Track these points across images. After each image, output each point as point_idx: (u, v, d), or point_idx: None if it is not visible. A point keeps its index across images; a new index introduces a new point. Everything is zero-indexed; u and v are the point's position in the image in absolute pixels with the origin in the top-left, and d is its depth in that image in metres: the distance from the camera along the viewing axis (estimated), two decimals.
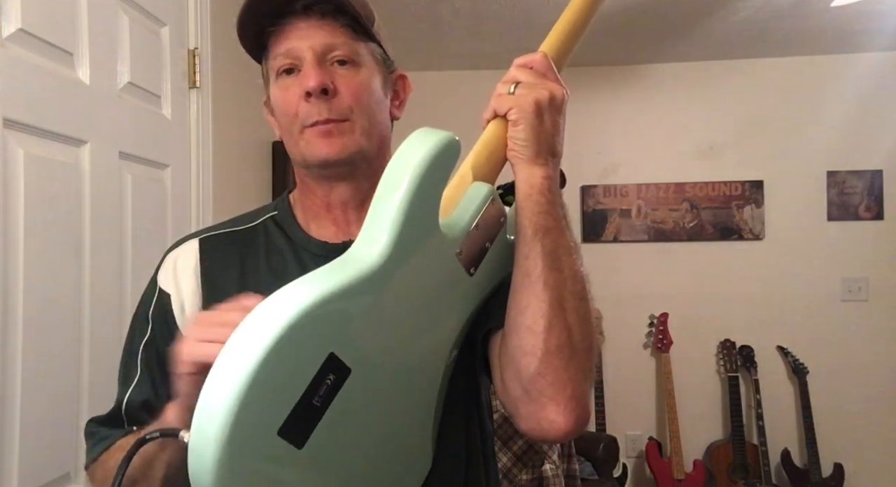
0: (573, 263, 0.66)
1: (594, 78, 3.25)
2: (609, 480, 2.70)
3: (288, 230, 0.82)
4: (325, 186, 0.79)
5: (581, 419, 0.64)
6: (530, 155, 0.67)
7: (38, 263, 1.11)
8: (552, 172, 0.68)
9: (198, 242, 0.82)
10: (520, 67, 0.71)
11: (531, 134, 0.67)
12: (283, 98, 0.77)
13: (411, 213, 0.57)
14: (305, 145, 0.76)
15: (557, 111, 0.68)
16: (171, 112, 1.58)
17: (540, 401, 0.64)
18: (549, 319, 0.63)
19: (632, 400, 3.17)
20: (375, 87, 0.79)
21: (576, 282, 0.66)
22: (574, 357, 0.64)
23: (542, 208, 0.66)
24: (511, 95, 0.69)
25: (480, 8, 2.52)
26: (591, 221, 3.22)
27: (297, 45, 0.76)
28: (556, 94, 0.68)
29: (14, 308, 1.07)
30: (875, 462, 3.01)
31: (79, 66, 1.25)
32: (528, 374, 0.64)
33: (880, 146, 3.07)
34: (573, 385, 0.63)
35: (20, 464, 1.06)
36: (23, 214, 1.08)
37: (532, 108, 0.66)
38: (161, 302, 0.79)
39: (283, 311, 0.49)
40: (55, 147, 1.18)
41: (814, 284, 3.09)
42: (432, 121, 2.13)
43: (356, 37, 0.78)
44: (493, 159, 0.69)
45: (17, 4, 1.07)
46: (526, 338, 0.64)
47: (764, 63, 3.15)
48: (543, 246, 0.65)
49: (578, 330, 0.64)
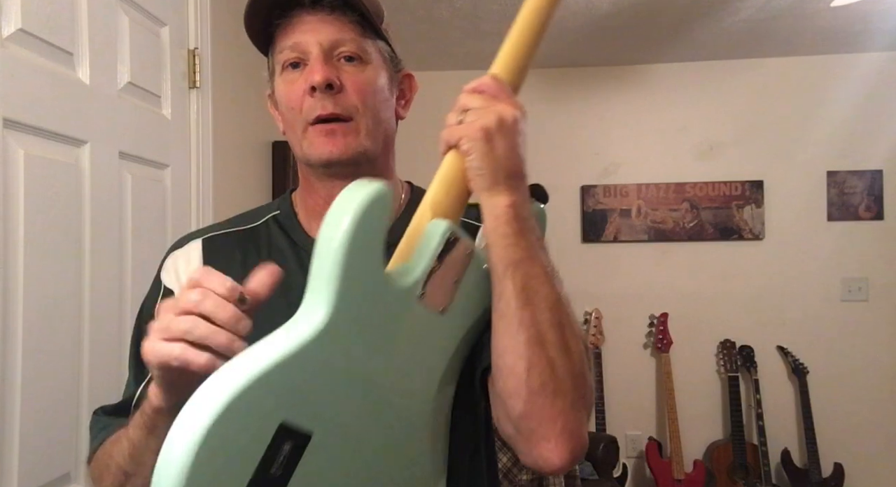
0: (549, 293, 0.64)
1: (594, 78, 3.25)
2: (609, 480, 2.70)
3: (290, 230, 0.82)
4: (327, 184, 0.79)
5: (576, 450, 0.63)
6: (487, 184, 0.65)
7: (38, 263, 1.11)
8: (516, 197, 0.66)
9: (201, 242, 0.82)
10: (469, 93, 0.68)
11: (484, 162, 0.65)
12: (287, 92, 0.77)
13: (349, 270, 0.57)
14: (308, 144, 0.76)
15: (511, 132, 0.66)
16: (171, 112, 1.58)
17: (531, 440, 0.63)
18: (528, 360, 0.62)
19: (632, 400, 3.17)
20: (382, 86, 0.79)
21: (554, 313, 0.64)
22: (560, 391, 0.62)
23: (508, 240, 0.64)
24: (460, 125, 0.66)
25: (480, 8, 2.52)
26: (591, 221, 3.22)
27: (305, 39, 0.75)
28: (505, 117, 0.65)
29: (14, 308, 1.07)
30: (875, 462, 3.01)
31: (79, 66, 1.25)
32: (515, 415, 0.63)
33: (880, 146, 3.07)
34: (563, 419, 0.62)
35: (20, 464, 1.06)
36: (23, 214, 1.08)
37: (480, 135, 0.64)
38: (165, 299, 0.78)
39: (218, 395, 0.50)
40: (55, 147, 1.18)
41: (814, 284, 3.09)
42: (432, 120, 2.14)
43: (364, 33, 0.77)
44: (454, 193, 0.67)
45: (17, 4, 1.07)
46: (508, 381, 0.63)
47: (764, 63, 3.15)
48: (514, 282, 0.63)
49: (563, 362, 0.63)
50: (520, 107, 0.68)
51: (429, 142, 3.35)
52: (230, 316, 0.57)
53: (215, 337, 0.56)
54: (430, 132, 3.40)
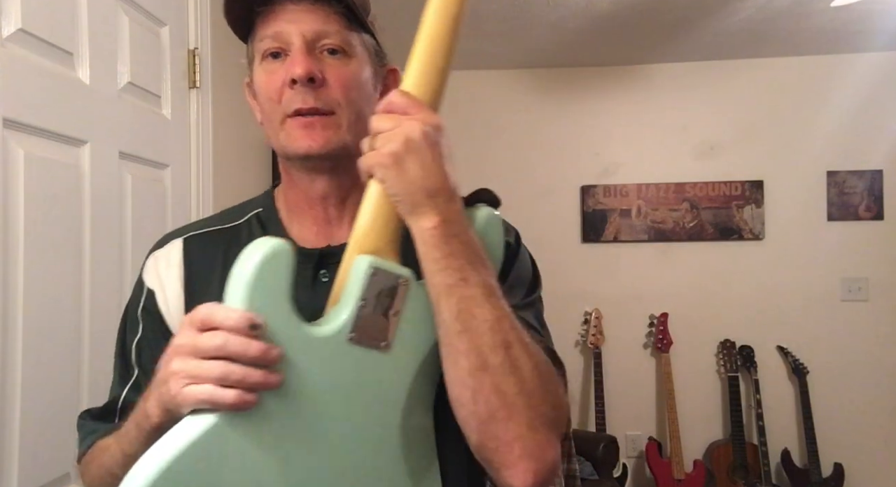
0: (487, 314, 0.61)
1: (594, 78, 3.25)
2: (609, 480, 2.70)
3: (270, 230, 0.80)
4: (305, 179, 0.76)
5: (540, 472, 0.60)
6: (408, 209, 0.63)
7: (38, 263, 1.11)
8: (441, 217, 0.62)
9: (182, 241, 0.80)
10: (379, 116, 0.65)
11: (399, 187, 0.62)
12: (266, 83, 0.74)
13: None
14: (286, 136, 0.73)
15: (422, 150, 0.62)
16: (171, 112, 1.58)
17: (492, 468, 0.62)
18: (472, 389, 0.60)
19: (632, 400, 3.17)
20: (365, 80, 0.76)
21: (496, 334, 0.61)
22: (513, 415, 0.60)
23: (438, 265, 0.61)
24: (372, 152, 0.64)
25: (480, 8, 2.52)
26: (591, 221, 3.22)
27: (287, 28, 0.72)
28: (412, 136, 0.62)
29: (14, 308, 1.07)
30: (875, 462, 3.01)
31: (79, 66, 1.25)
32: (473, 445, 0.62)
33: (880, 146, 3.07)
34: (520, 444, 0.60)
35: (20, 464, 1.07)
36: (23, 214, 1.08)
37: (389, 161, 0.62)
38: (148, 300, 0.78)
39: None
40: (55, 147, 1.18)
41: (814, 284, 3.09)
42: None
43: (349, 26, 0.74)
44: (380, 222, 0.65)
45: (17, 4, 1.07)
46: (459, 412, 0.62)
47: (764, 63, 3.15)
48: (449, 310, 0.61)
49: (512, 384, 0.60)
50: (432, 120, 0.64)
51: None
52: (258, 353, 0.56)
53: (251, 378, 0.56)
54: None
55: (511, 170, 3.26)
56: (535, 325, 0.75)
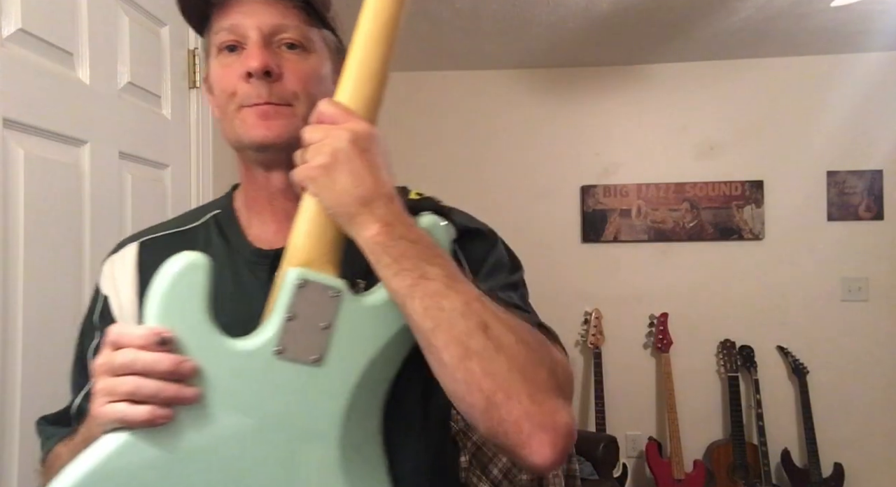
0: (454, 300, 0.59)
1: (594, 78, 3.25)
2: (609, 480, 2.70)
3: (227, 232, 0.78)
4: (262, 173, 0.75)
5: (558, 443, 0.59)
6: (345, 220, 0.62)
7: (38, 263, 1.11)
8: (380, 224, 0.60)
9: (137, 246, 0.79)
10: (308, 127, 0.64)
11: (331, 199, 0.61)
12: (221, 76, 0.72)
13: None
14: (240, 124, 0.71)
15: (351, 158, 0.61)
16: (171, 112, 1.58)
17: (510, 451, 0.60)
18: (463, 382, 0.58)
19: (632, 400, 3.17)
20: (325, 76, 0.74)
21: (469, 319, 0.58)
22: (511, 393, 0.58)
23: (392, 270, 0.60)
24: (303, 165, 0.63)
25: (480, 8, 2.52)
26: (591, 221, 3.22)
27: (243, 21, 0.70)
28: (338, 146, 0.61)
29: (14, 308, 1.07)
30: (875, 463, 3.01)
31: (79, 66, 1.25)
32: (484, 435, 0.61)
33: (880, 146, 3.07)
34: (527, 421, 0.58)
35: (20, 464, 1.07)
36: (23, 214, 1.08)
37: (319, 173, 0.61)
38: (104, 306, 0.77)
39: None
40: (55, 147, 1.18)
41: (814, 284, 3.09)
42: (432, 120, 2.13)
43: (309, 20, 0.73)
44: (314, 234, 0.64)
45: (17, 4, 1.07)
46: (461, 408, 0.61)
47: (764, 63, 3.15)
48: (415, 310, 0.59)
49: (501, 363, 0.58)
50: (360, 128, 0.62)
51: (428, 143, 3.35)
52: (168, 367, 0.57)
53: (162, 393, 0.57)
54: (430, 132, 3.43)
55: (511, 170, 3.26)
56: (521, 305, 0.73)
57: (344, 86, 0.66)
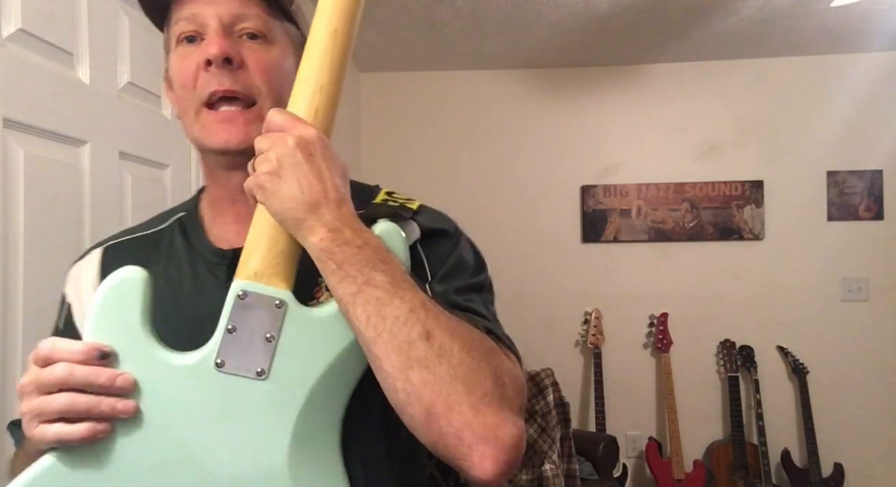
0: (397, 308, 0.57)
1: (594, 78, 3.25)
2: (609, 480, 2.70)
3: (190, 234, 0.77)
4: (223, 174, 0.73)
5: (499, 457, 0.55)
6: (293, 226, 0.60)
7: (38, 263, 1.11)
8: (326, 229, 0.59)
9: (100, 252, 0.78)
10: (259, 138, 0.62)
11: (278, 206, 0.60)
12: (180, 67, 0.70)
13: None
14: (201, 129, 0.69)
15: (297, 164, 0.60)
16: (171, 112, 1.58)
17: (453, 464, 0.57)
18: (403, 391, 0.56)
19: (632, 400, 3.17)
20: (288, 69, 0.72)
21: (412, 326, 0.56)
22: (452, 403, 0.55)
23: (336, 277, 0.58)
24: (252, 174, 0.62)
25: (480, 8, 2.52)
26: (591, 221, 3.22)
27: (202, 10, 0.69)
28: (282, 153, 0.59)
29: (14, 308, 1.07)
30: (875, 462, 3.02)
31: (79, 66, 1.25)
32: (429, 448, 0.59)
33: (880, 146, 3.07)
34: (468, 431, 0.55)
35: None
36: (23, 214, 1.08)
37: (265, 180, 0.60)
38: (67, 314, 0.76)
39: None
40: (55, 147, 1.18)
41: (814, 284, 3.09)
42: (432, 120, 2.14)
43: (270, 12, 0.71)
44: (263, 246, 0.62)
45: (17, 4, 1.07)
46: (403, 419, 0.58)
47: (764, 63, 3.15)
48: (358, 319, 0.57)
49: (444, 371, 0.56)
50: (306, 133, 0.61)
51: (428, 143, 3.35)
52: (107, 381, 0.56)
53: (98, 408, 0.56)
54: (430, 132, 3.42)
55: (511, 170, 3.26)
56: (479, 308, 0.70)
57: (294, 96, 0.65)
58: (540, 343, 3.18)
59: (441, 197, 0.76)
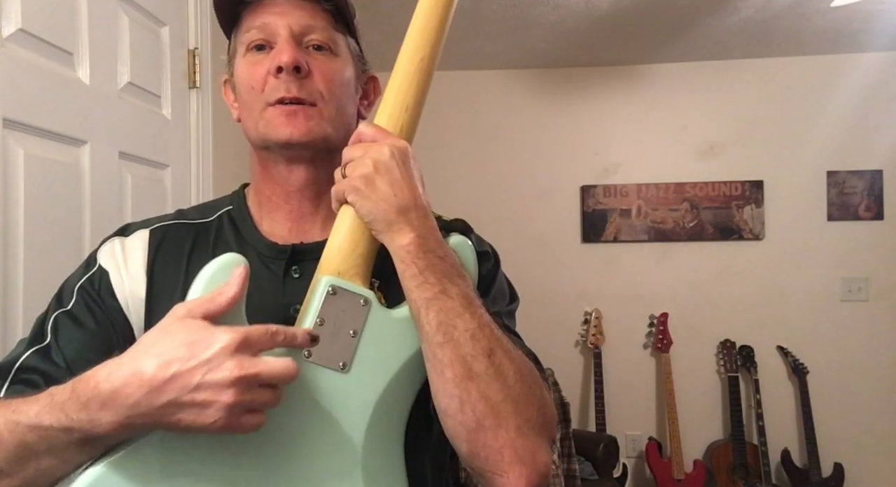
0: (468, 322, 0.62)
1: (594, 78, 3.25)
2: (609, 480, 2.70)
3: (241, 226, 0.79)
4: (283, 170, 0.76)
5: (532, 478, 0.60)
6: (382, 227, 0.65)
7: (38, 263, 1.11)
8: (415, 233, 0.64)
9: (148, 232, 0.78)
10: (348, 147, 0.68)
11: (371, 207, 0.64)
12: (249, 73, 0.74)
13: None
14: (266, 124, 0.73)
15: (391, 169, 0.65)
16: (171, 112, 1.58)
17: (485, 477, 0.62)
18: (459, 399, 0.60)
19: (632, 400, 3.17)
20: (348, 79, 0.77)
21: (478, 342, 0.61)
22: (501, 421, 0.60)
23: (417, 280, 0.63)
24: (343, 179, 0.67)
25: (480, 8, 2.52)
26: (591, 221, 3.22)
27: (274, 20, 0.72)
28: (379, 158, 0.65)
29: (14, 307, 1.07)
30: (875, 462, 3.01)
31: (79, 66, 1.25)
32: (464, 456, 0.62)
33: (880, 146, 3.07)
34: (510, 450, 0.60)
35: None
36: (23, 214, 1.08)
37: (361, 182, 0.64)
38: (97, 277, 0.74)
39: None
40: (55, 147, 1.18)
41: (814, 284, 3.09)
42: (432, 120, 2.12)
43: (335, 25, 0.76)
44: (347, 246, 0.67)
45: (17, 4, 1.07)
46: (447, 423, 0.62)
47: (764, 63, 3.15)
48: (430, 322, 0.62)
49: (498, 390, 0.60)
50: (399, 144, 0.67)
51: (428, 143, 3.35)
52: (295, 373, 0.57)
53: (274, 401, 0.58)
54: (429, 132, 3.43)
55: (511, 170, 3.26)
56: (520, 336, 0.76)
57: (382, 111, 0.71)
58: (540, 343, 3.17)
59: (441, 197, 0.78)
